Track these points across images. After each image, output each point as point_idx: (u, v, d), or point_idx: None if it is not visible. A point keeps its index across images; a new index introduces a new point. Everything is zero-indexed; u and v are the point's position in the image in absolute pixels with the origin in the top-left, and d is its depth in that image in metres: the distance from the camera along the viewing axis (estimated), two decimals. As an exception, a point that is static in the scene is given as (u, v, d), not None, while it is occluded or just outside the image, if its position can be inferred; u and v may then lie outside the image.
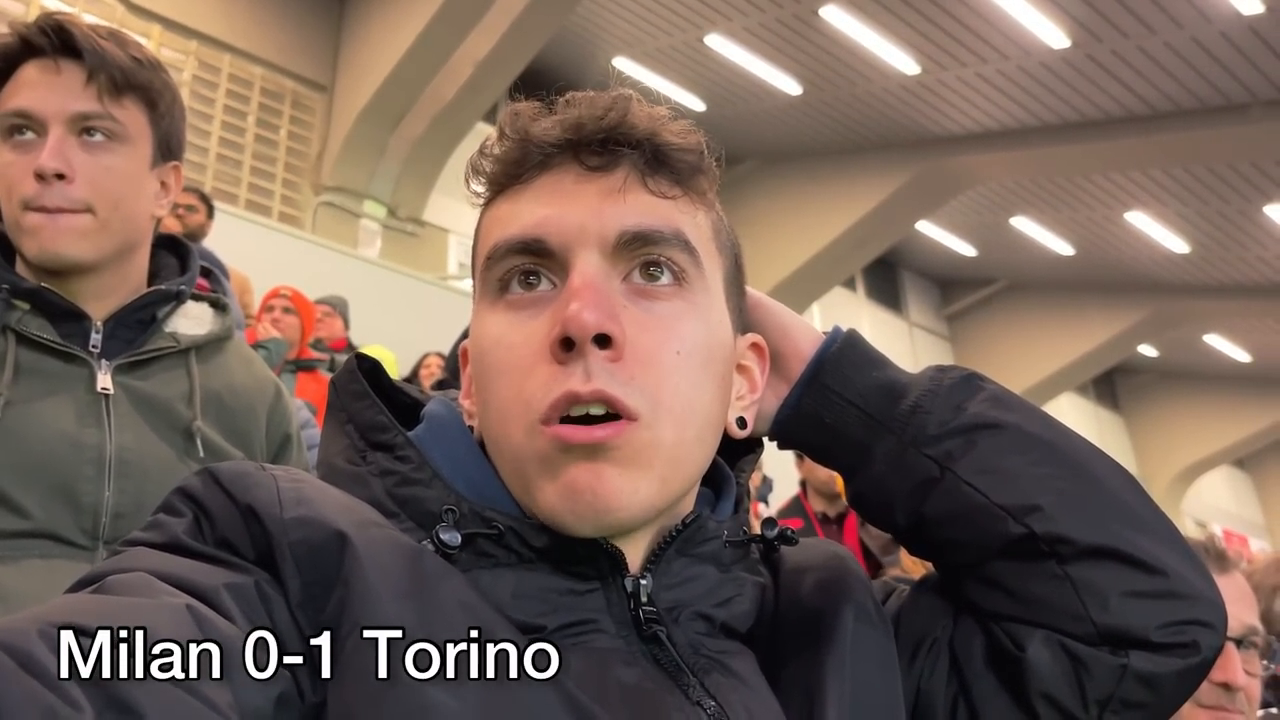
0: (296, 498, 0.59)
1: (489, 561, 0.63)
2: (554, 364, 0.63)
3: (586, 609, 0.64)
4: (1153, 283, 13.76)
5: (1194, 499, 17.40)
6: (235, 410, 1.32)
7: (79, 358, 1.21)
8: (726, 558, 0.71)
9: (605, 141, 0.67)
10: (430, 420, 0.71)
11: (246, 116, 9.22)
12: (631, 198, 0.67)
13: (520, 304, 0.66)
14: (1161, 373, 17.35)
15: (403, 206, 9.68)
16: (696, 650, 0.66)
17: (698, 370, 0.66)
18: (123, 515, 1.16)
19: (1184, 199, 11.47)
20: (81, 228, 1.17)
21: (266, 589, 0.56)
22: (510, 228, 0.67)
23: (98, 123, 1.18)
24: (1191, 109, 9.65)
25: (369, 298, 6.13)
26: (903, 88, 10.22)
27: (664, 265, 0.67)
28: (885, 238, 12.22)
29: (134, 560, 0.56)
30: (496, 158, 0.70)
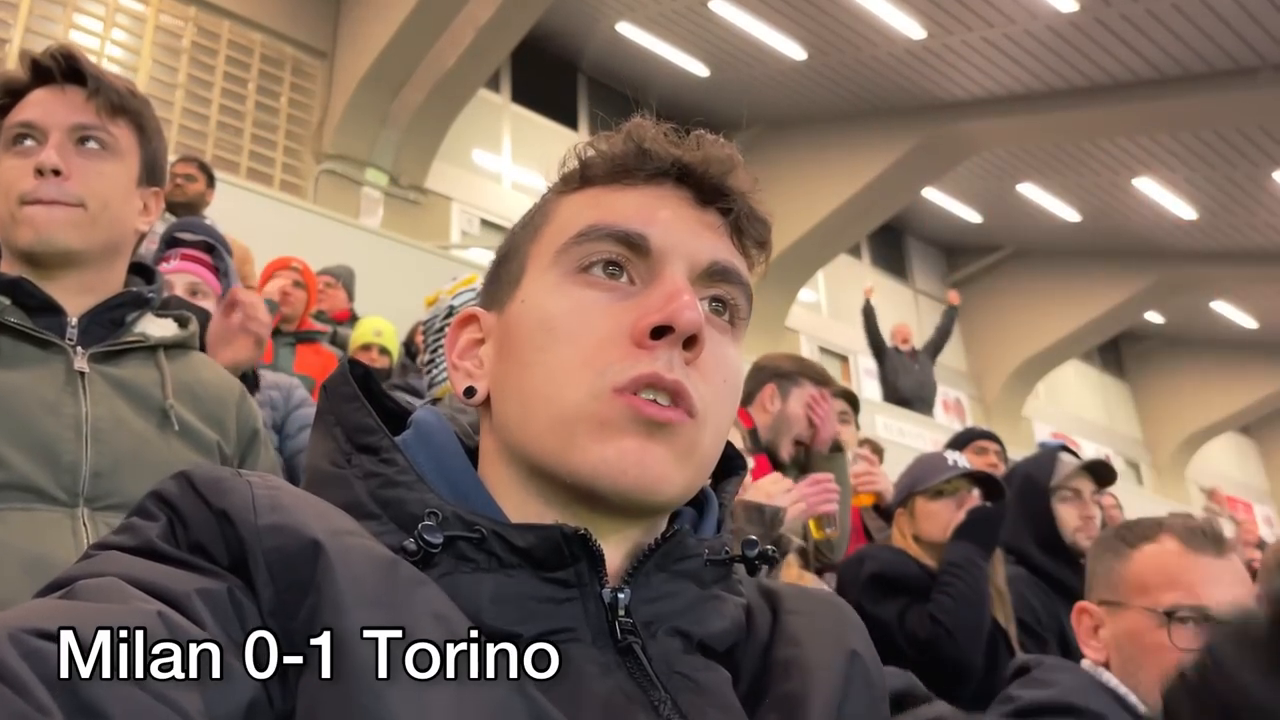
0: (271, 504, 0.59)
1: (468, 566, 0.63)
2: (634, 346, 0.66)
3: (564, 617, 0.64)
4: (1160, 249, 13.68)
5: (1199, 466, 17.40)
6: (206, 399, 1.40)
7: (56, 345, 1.29)
8: (707, 576, 0.71)
9: (716, 186, 0.73)
10: (418, 426, 0.72)
11: (247, 84, 9.16)
12: (723, 239, 0.73)
13: (601, 285, 0.69)
14: (1168, 339, 17.28)
15: (405, 174, 9.64)
16: (671, 667, 0.66)
17: (732, 402, 0.72)
18: (101, 474, 1.22)
19: (1192, 164, 11.37)
20: (74, 219, 1.29)
21: (239, 596, 0.56)
22: (613, 215, 0.70)
23: (94, 133, 1.32)
24: (1200, 73, 9.54)
25: (371, 267, 6.11)
26: (908, 52, 10.12)
27: (728, 305, 0.73)
28: (890, 205, 12.14)
29: (105, 564, 0.56)
30: (609, 153, 0.74)
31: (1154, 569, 1.43)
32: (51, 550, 1.14)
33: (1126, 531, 1.50)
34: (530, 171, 11.46)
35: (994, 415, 14.85)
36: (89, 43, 8.37)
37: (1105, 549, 1.52)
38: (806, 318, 13.49)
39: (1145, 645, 1.40)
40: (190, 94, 8.79)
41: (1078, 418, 16.63)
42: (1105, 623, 1.47)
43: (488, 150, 11.19)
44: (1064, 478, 2.60)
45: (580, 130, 12.19)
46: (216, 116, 8.87)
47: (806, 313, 13.52)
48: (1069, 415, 16.51)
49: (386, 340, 4.43)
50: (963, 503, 2.38)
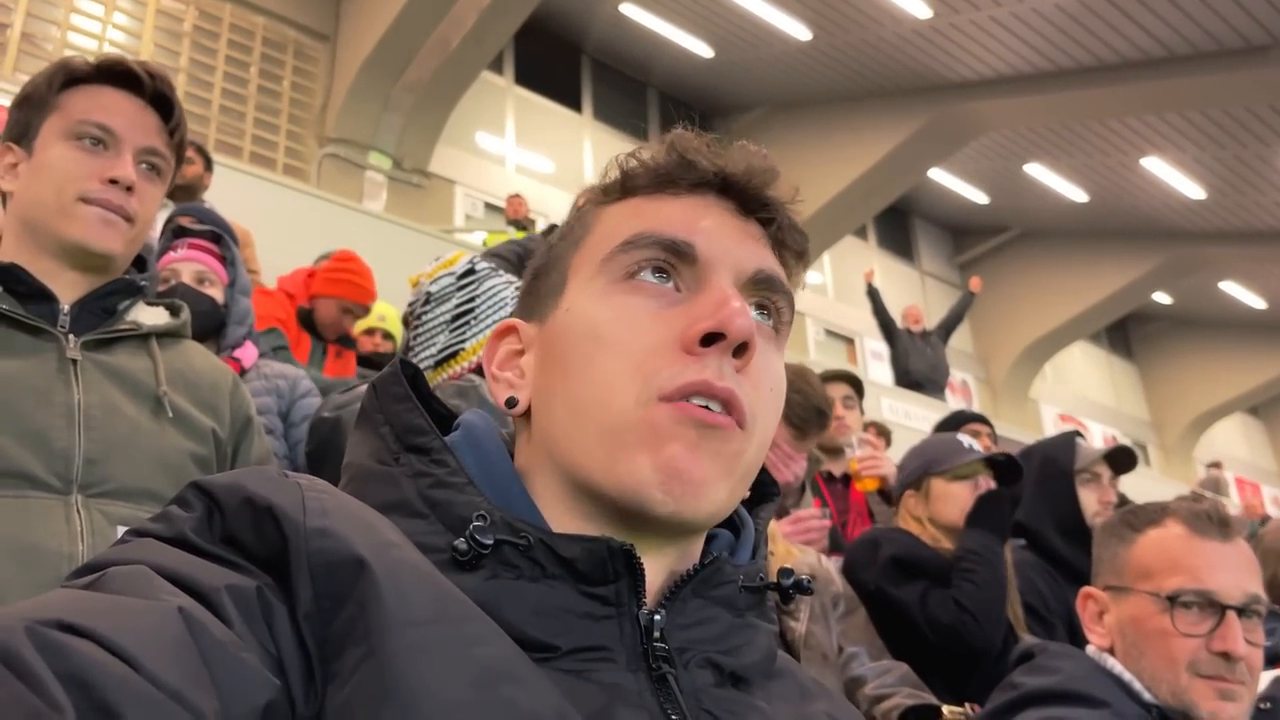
0: (320, 509, 0.59)
1: (511, 572, 0.63)
2: (683, 353, 0.66)
3: (600, 636, 0.63)
4: (1168, 229, 13.60)
5: (1207, 447, 17.36)
6: (200, 386, 1.41)
7: (48, 333, 1.29)
8: (741, 603, 0.70)
9: (758, 196, 0.74)
10: (466, 429, 0.72)
11: (249, 67, 9.14)
12: (766, 249, 0.73)
13: (649, 291, 0.69)
14: (1176, 320, 17.22)
15: (408, 158, 9.62)
16: (700, 703, 0.64)
17: (776, 412, 0.71)
18: (95, 461, 1.22)
19: (1201, 144, 11.29)
20: (124, 232, 1.34)
21: (269, 595, 0.56)
22: (659, 223, 0.71)
23: (157, 160, 1.39)
24: (1210, 51, 9.46)
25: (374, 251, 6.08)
26: (915, 32, 10.05)
27: (773, 311, 0.73)
28: (897, 186, 12.09)
29: (138, 551, 0.56)
30: (652, 164, 0.74)
31: (1158, 553, 1.41)
32: (43, 538, 1.13)
33: (1132, 516, 1.47)
34: (534, 154, 11.43)
35: (1001, 397, 14.82)
36: (90, 26, 8.35)
37: (1111, 534, 1.49)
38: (812, 300, 13.46)
39: (1148, 631, 1.37)
40: (192, 78, 8.77)
41: (1085, 399, 16.59)
42: (1110, 608, 1.45)
43: (491, 133, 11.16)
44: (1087, 462, 2.57)
45: (584, 112, 12.15)
46: (219, 100, 8.85)
47: (812, 295, 13.49)
48: (1076, 396, 16.48)
49: (390, 325, 4.42)
50: (979, 486, 2.36)
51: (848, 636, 1.99)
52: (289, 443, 2.50)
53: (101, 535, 1.17)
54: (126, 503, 1.22)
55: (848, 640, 1.99)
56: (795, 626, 1.90)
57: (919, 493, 2.41)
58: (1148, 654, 1.37)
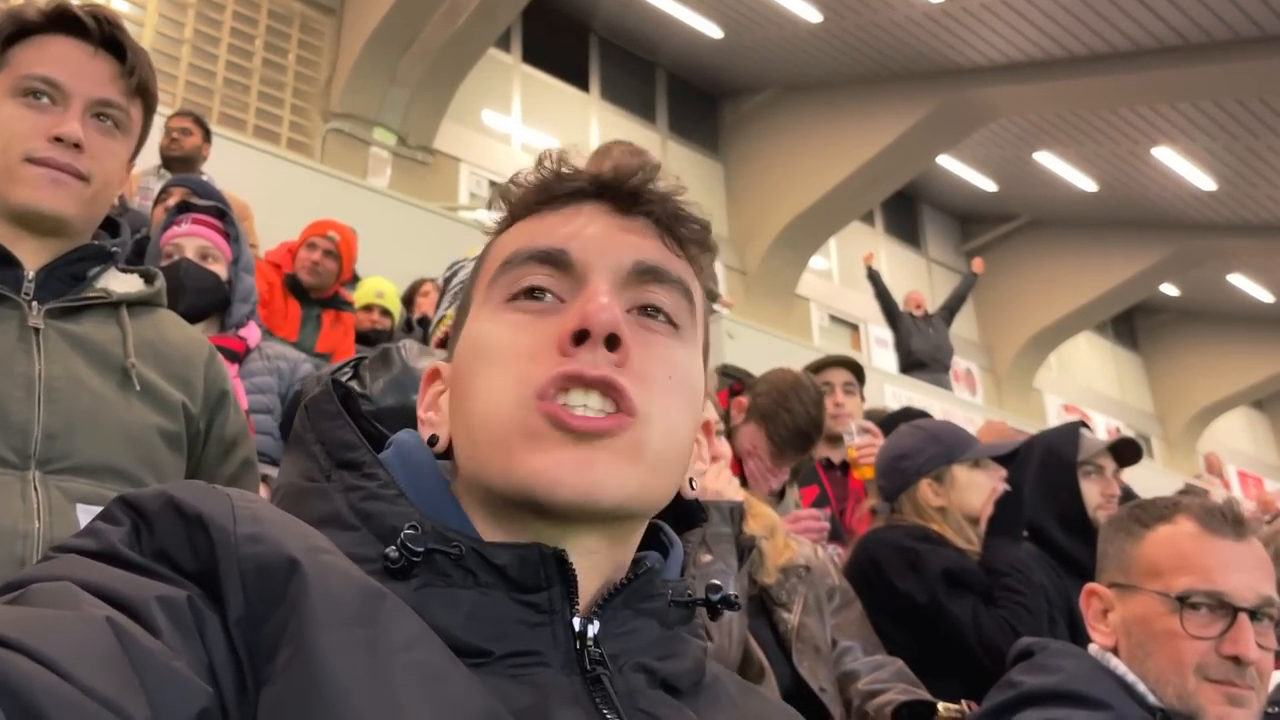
0: (251, 516, 0.59)
1: (444, 581, 0.63)
2: (559, 355, 0.66)
3: (534, 641, 0.64)
4: (1177, 220, 13.51)
5: (1210, 440, 17.30)
6: (172, 358, 1.35)
7: (10, 299, 1.23)
8: (671, 617, 0.72)
9: (633, 194, 0.74)
10: (398, 445, 0.73)
11: (254, 40, 9.07)
12: (649, 241, 0.73)
13: (528, 309, 0.70)
14: (1182, 312, 17.13)
15: (413, 134, 9.55)
16: (635, 703, 0.65)
17: (683, 399, 0.71)
18: (55, 436, 1.17)
19: (1213, 134, 11.18)
20: (77, 192, 1.27)
21: (199, 604, 0.56)
22: (534, 239, 0.72)
23: (113, 112, 1.30)
24: (1224, 40, 9.35)
25: (377, 228, 6.05)
26: (926, 16, 9.94)
27: (663, 310, 0.72)
28: (905, 172, 11.99)
29: (62, 567, 0.56)
30: (529, 185, 0.76)
31: (1168, 551, 1.36)
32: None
33: (1141, 511, 1.42)
34: (540, 133, 11.35)
35: (1005, 386, 14.77)
36: (94, -4, 8.26)
37: (1117, 529, 1.44)
38: (818, 285, 13.39)
39: (1155, 631, 1.32)
40: (197, 50, 8.70)
41: (1089, 390, 16.53)
42: (1115, 606, 1.40)
43: (497, 111, 11.08)
44: (1091, 453, 2.53)
45: (591, 92, 12.06)
46: (223, 73, 8.78)
47: (818, 280, 13.42)
48: (1081, 387, 16.42)
49: (388, 301, 4.38)
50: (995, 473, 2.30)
51: (842, 630, 1.96)
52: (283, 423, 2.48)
53: (60, 513, 1.12)
54: (88, 480, 1.17)
55: (842, 634, 1.95)
56: (788, 618, 1.86)
57: (939, 482, 2.30)
58: (1154, 655, 1.32)
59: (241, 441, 1.41)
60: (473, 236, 7.47)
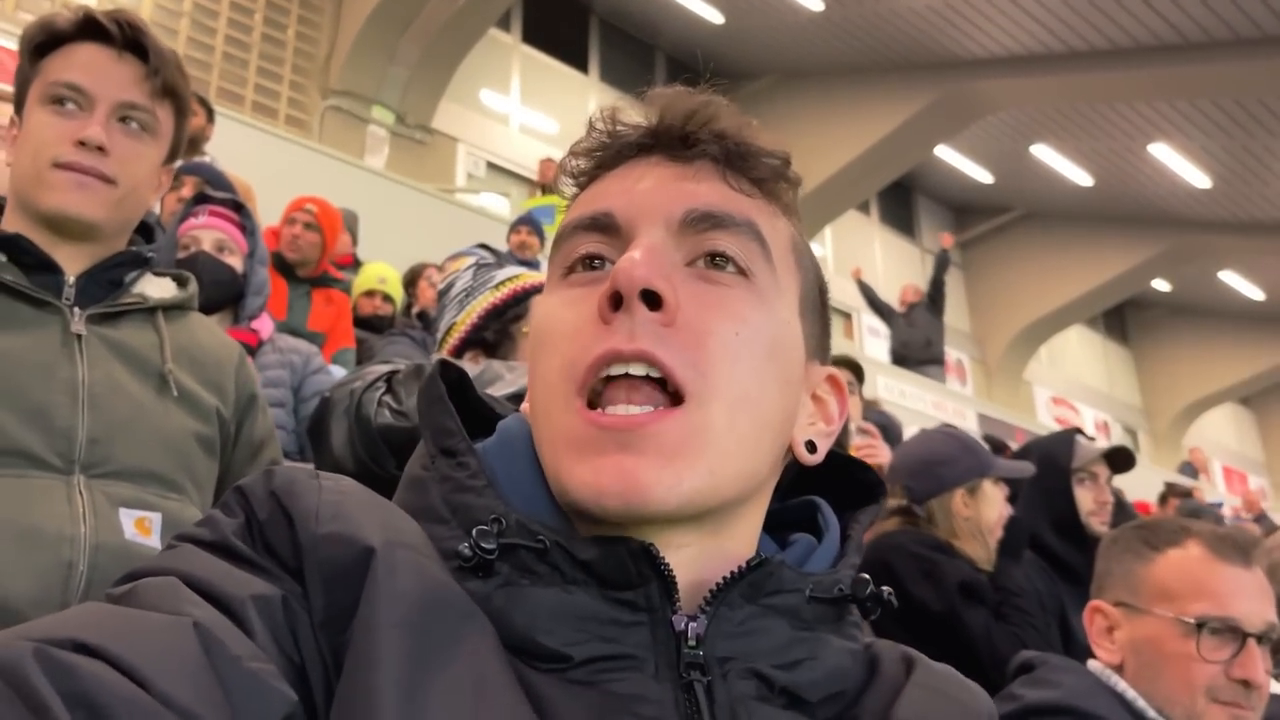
0: (334, 511, 0.58)
1: (529, 578, 0.59)
2: (600, 324, 0.61)
3: (629, 643, 0.58)
4: (1171, 217, 13.56)
5: (1196, 435, 17.43)
6: (206, 364, 1.38)
7: (52, 305, 1.25)
8: (809, 614, 0.63)
9: (687, 136, 0.67)
10: (501, 432, 0.68)
11: (253, 15, 9.01)
12: (706, 184, 0.66)
13: (580, 282, 0.65)
14: (1173, 308, 17.22)
15: (412, 113, 9.52)
16: (735, 715, 0.58)
17: (759, 358, 0.63)
18: (98, 440, 1.19)
19: (1209, 132, 11.22)
20: (103, 196, 1.27)
21: (294, 604, 0.55)
22: (586, 205, 0.67)
23: (139, 115, 1.31)
24: (1224, 40, 9.37)
25: (374, 209, 6.04)
26: (928, 7, 9.94)
27: (731, 258, 0.64)
28: (903, 162, 12.01)
29: (174, 560, 0.56)
30: (584, 151, 0.70)
31: (1179, 576, 1.39)
32: (44, 520, 1.11)
33: (1149, 534, 1.46)
34: (538, 114, 11.32)
35: (995, 378, 14.84)
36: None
37: (1124, 548, 1.48)
38: (812, 273, 13.39)
39: (1167, 654, 1.36)
40: (195, 23, 8.64)
41: (1079, 383, 16.62)
42: (1122, 625, 1.43)
43: (496, 91, 11.04)
44: (1085, 461, 2.56)
45: (590, 74, 12.02)
46: (222, 48, 8.73)
47: (812, 268, 13.42)
48: (1070, 380, 16.50)
49: (391, 288, 4.39)
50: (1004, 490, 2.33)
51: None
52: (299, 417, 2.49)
53: (104, 517, 1.15)
54: (129, 484, 1.20)
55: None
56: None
57: (971, 495, 2.30)
58: (1164, 676, 1.36)
59: (269, 443, 1.44)
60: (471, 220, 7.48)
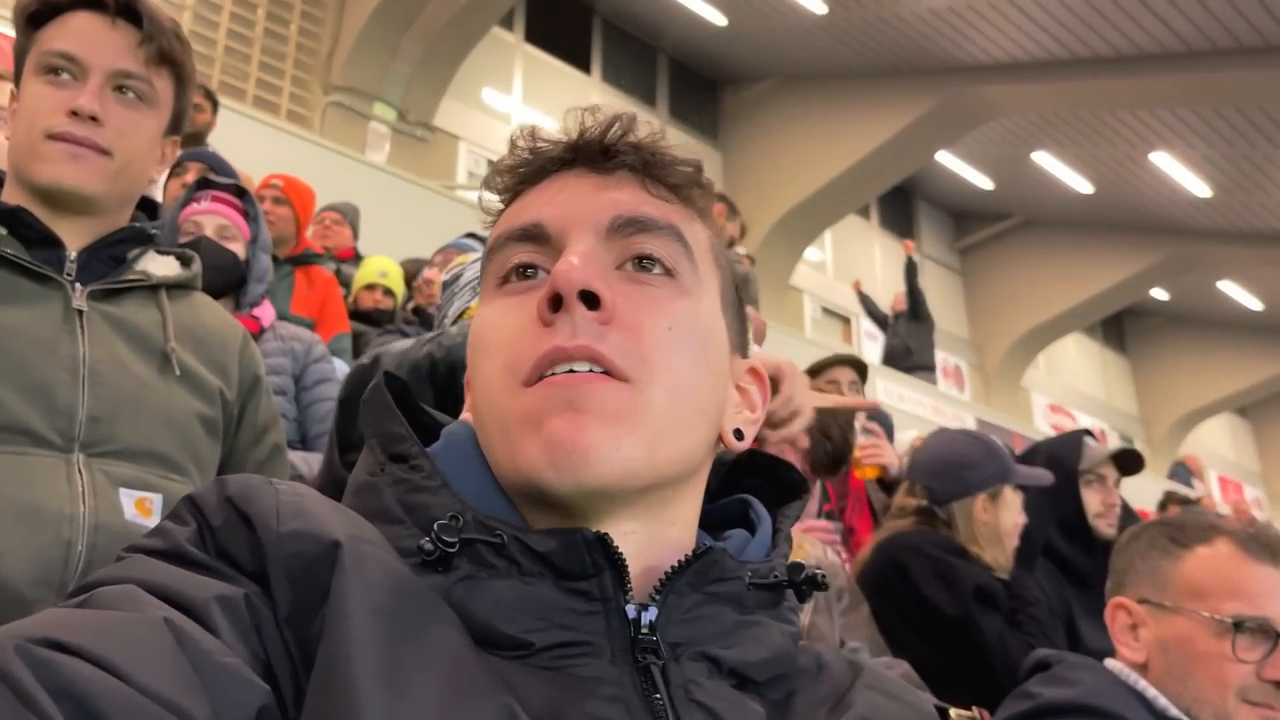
0: (295, 510, 0.60)
1: (487, 571, 0.62)
2: (541, 327, 0.65)
3: (585, 631, 0.61)
4: (1171, 225, 13.56)
5: (1193, 444, 17.43)
6: (210, 344, 1.35)
7: (54, 280, 1.23)
8: (750, 601, 0.67)
9: (607, 149, 0.71)
10: (447, 437, 0.72)
11: (256, 9, 8.98)
12: (628, 192, 0.70)
13: (516, 290, 0.69)
14: (1171, 317, 17.23)
15: (413, 110, 9.50)
16: (689, 695, 0.62)
17: (692, 349, 0.67)
18: (99, 419, 1.17)
19: (1211, 141, 11.22)
20: (99, 168, 1.24)
21: (257, 603, 0.56)
22: (513, 218, 0.71)
23: (135, 83, 1.27)
24: (1227, 48, 9.37)
25: (375, 204, 6.01)
26: (932, 12, 9.93)
27: (657, 260, 0.69)
28: (903, 167, 12.00)
29: (128, 569, 0.57)
30: (507, 168, 0.74)
31: (1211, 574, 1.37)
32: (44, 498, 1.08)
33: (1176, 531, 1.43)
34: (540, 113, 11.29)
35: (993, 384, 14.84)
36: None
37: (1148, 545, 1.45)
38: (812, 277, 13.40)
39: (1199, 653, 1.34)
40: (198, 16, 8.61)
41: (1076, 391, 16.62)
42: (1147, 623, 1.41)
43: (498, 90, 11.02)
44: (1093, 462, 2.54)
45: (593, 74, 12.01)
46: (224, 42, 8.70)
47: (812, 272, 13.43)
48: (1067, 388, 16.50)
49: (392, 281, 4.36)
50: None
51: (850, 631, 1.97)
52: (300, 405, 2.47)
53: (104, 497, 1.12)
54: (130, 464, 1.17)
55: (849, 634, 1.97)
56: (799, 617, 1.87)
57: (993, 501, 2.28)
58: (1194, 675, 1.34)
59: (272, 427, 1.41)
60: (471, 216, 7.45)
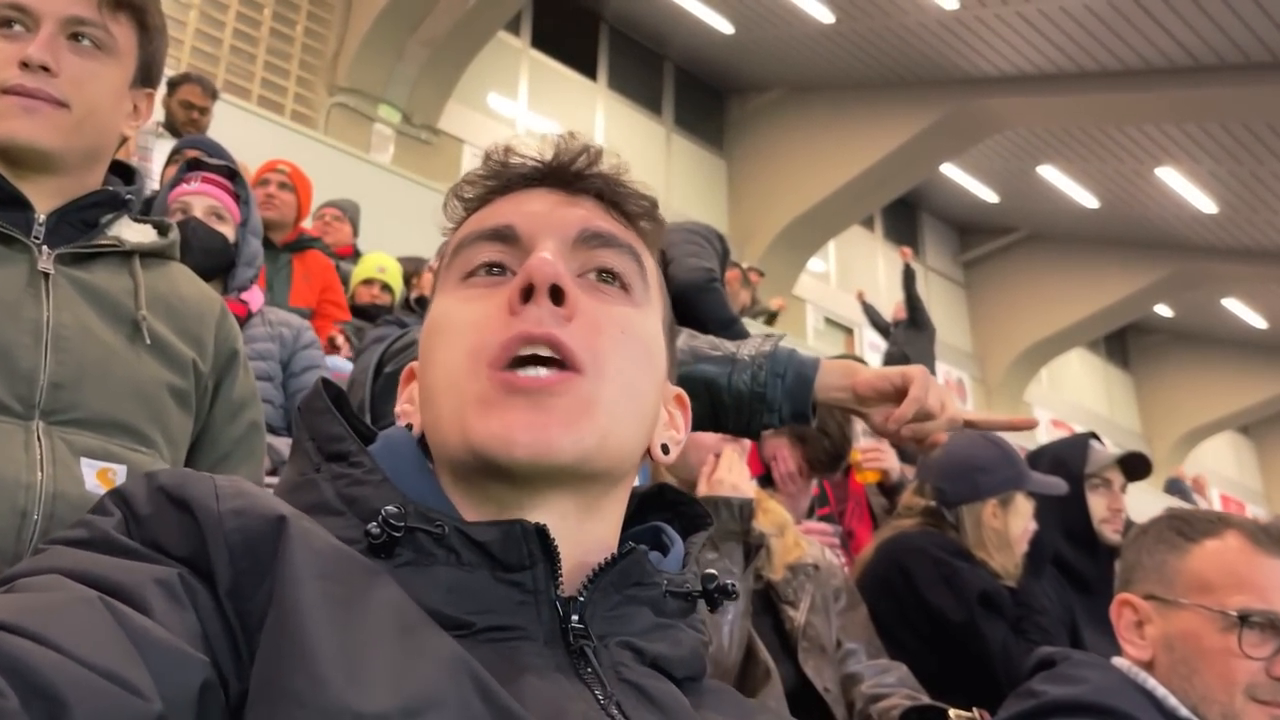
0: (235, 491, 0.61)
1: (427, 560, 0.64)
2: (509, 316, 0.68)
3: (520, 619, 0.64)
4: (1176, 241, 13.52)
5: (1195, 462, 17.35)
6: (185, 314, 1.29)
7: (20, 242, 1.17)
8: (667, 608, 0.72)
9: (576, 173, 0.77)
10: (384, 437, 0.75)
11: (263, 9, 8.98)
12: (595, 214, 0.76)
13: (482, 284, 0.72)
14: (1175, 333, 17.17)
15: (418, 113, 9.48)
16: (619, 675, 0.66)
17: (639, 356, 0.72)
18: (61, 386, 1.12)
19: (1218, 157, 11.19)
20: (55, 121, 1.18)
21: (190, 579, 0.57)
22: (485, 220, 0.75)
23: (90, 30, 1.20)
24: (1236, 64, 9.35)
25: (378, 204, 5.98)
26: (939, 23, 9.91)
27: (616, 274, 0.74)
28: (908, 178, 11.98)
29: (50, 560, 0.57)
30: (478, 178, 0.79)
31: (1218, 567, 1.32)
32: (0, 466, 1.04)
33: (1183, 524, 1.38)
34: (545, 119, 11.29)
35: (995, 397, 14.78)
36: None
37: (1155, 539, 1.40)
38: (814, 287, 13.36)
39: (1205, 649, 1.29)
40: (204, 15, 8.61)
41: (1079, 406, 16.56)
42: (1153, 619, 1.36)
43: (503, 95, 11.01)
44: (1099, 466, 2.49)
45: (599, 81, 12.00)
46: (230, 41, 8.70)
47: (815, 282, 13.40)
48: (1070, 403, 16.44)
49: (390, 277, 4.33)
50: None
51: (847, 632, 1.92)
52: (287, 392, 2.42)
53: (64, 466, 1.07)
54: (94, 433, 1.12)
55: (846, 636, 1.92)
56: (794, 616, 1.83)
57: (1003, 507, 2.22)
58: (1201, 673, 1.28)
59: (250, 403, 1.36)
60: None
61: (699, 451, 1.79)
